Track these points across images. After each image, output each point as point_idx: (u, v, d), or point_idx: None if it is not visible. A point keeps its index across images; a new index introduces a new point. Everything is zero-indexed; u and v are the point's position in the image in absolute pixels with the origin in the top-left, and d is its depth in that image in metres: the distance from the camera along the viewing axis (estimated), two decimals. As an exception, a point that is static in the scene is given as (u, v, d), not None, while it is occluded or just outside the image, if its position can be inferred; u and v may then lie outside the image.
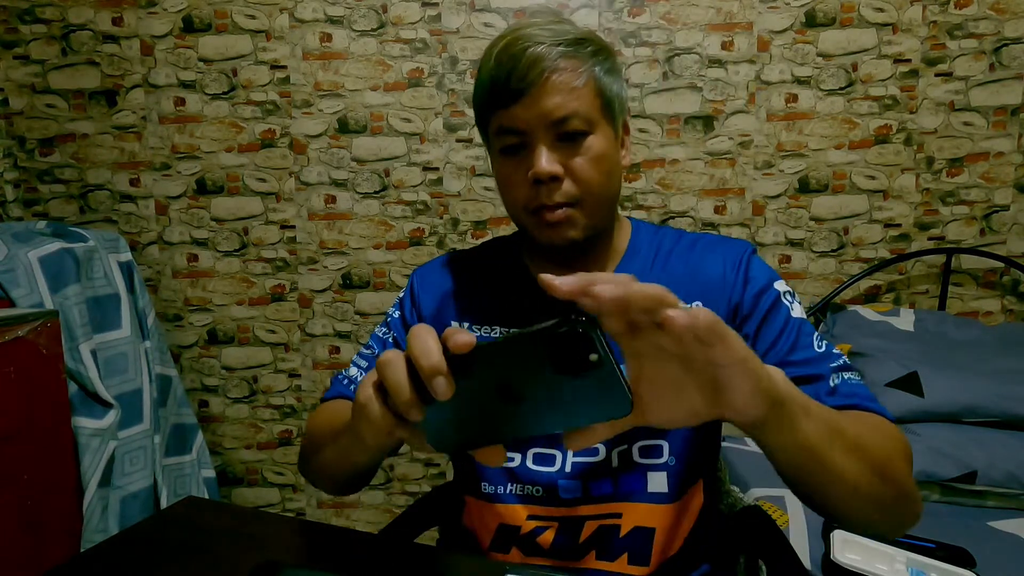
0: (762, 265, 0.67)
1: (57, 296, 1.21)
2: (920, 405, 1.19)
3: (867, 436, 0.48)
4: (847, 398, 0.56)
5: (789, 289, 0.66)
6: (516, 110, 0.60)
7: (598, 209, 0.64)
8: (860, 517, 0.49)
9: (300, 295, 1.66)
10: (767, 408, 0.37)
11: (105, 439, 1.23)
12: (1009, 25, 1.45)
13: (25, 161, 1.64)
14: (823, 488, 0.46)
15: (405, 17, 1.55)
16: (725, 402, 0.36)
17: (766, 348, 0.62)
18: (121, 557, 0.56)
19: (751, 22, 1.50)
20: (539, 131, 0.60)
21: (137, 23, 1.59)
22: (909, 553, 0.87)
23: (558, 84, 0.59)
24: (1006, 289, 1.54)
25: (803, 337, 0.61)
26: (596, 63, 0.61)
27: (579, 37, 0.61)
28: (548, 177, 0.60)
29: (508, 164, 0.63)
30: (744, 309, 0.64)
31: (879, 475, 0.47)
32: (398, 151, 1.60)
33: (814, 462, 0.43)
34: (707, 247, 0.69)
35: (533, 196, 0.62)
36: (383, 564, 0.54)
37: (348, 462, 0.54)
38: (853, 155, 1.52)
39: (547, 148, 0.60)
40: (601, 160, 0.62)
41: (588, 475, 0.65)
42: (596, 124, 0.61)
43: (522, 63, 0.58)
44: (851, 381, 0.58)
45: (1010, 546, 1.00)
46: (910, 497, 0.50)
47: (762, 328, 0.63)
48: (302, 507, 1.74)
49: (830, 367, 0.59)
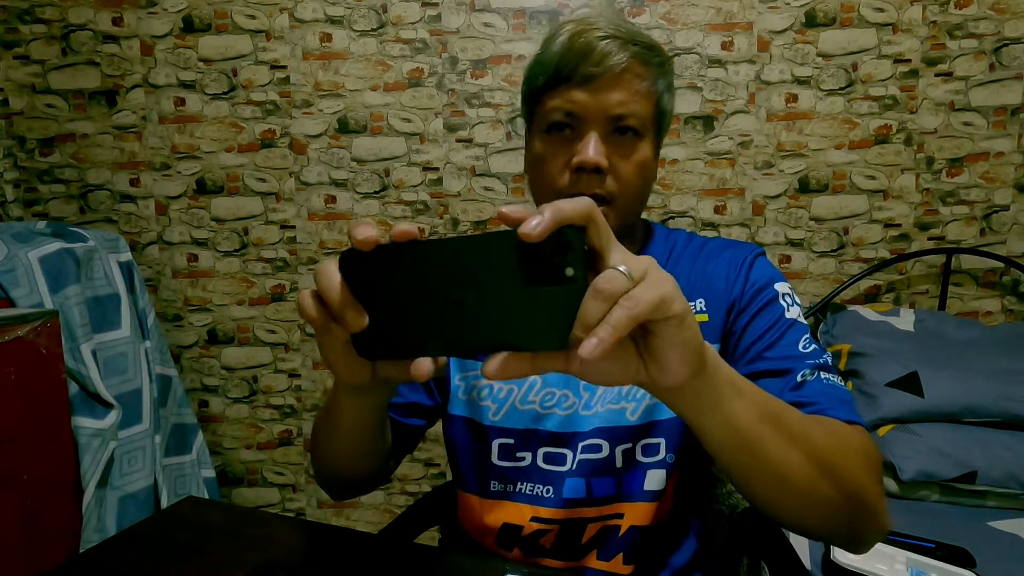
0: (766, 266, 0.67)
1: (57, 296, 1.21)
2: (920, 405, 1.19)
3: (814, 432, 0.45)
4: (810, 396, 0.54)
5: (790, 292, 0.65)
6: (579, 94, 0.59)
7: (628, 213, 0.64)
8: (797, 517, 0.47)
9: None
10: (693, 370, 0.36)
11: (106, 439, 1.23)
12: (1009, 25, 1.45)
13: (25, 161, 1.64)
14: (753, 475, 0.44)
15: (405, 17, 1.55)
16: (654, 358, 0.35)
17: (751, 341, 0.61)
18: (121, 557, 0.56)
19: (751, 22, 1.50)
20: (596, 120, 0.60)
21: (137, 23, 1.59)
22: (909, 553, 0.87)
23: (626, 81, 0.59)
24: (1006, 289, 1.54)
25: (789, 335, 0.60)
26: (660, 76, 0.62)
27: (651, 44, 0.61)
28: (593, 167, 0.59)
29: (551, 144, 0.62)
30: (740, 304, 0.64)
31: (823, 473, 0.44)
32: (398, 151, 1.60)
33: (743, 446, 0.41)
34: (714, 250, 0.69)
35: (571, 183, 0.61)
36: (383, 564, 0.54)
37: (342, 427, 0.53)
38: (853, 155, 1.52)
39: (599, 139, 0.60)
40: (643, 167, 0.62)
41: (593, 473, 0.65)
42: (647, 131, 0.62)
43: (596, 52, 0.58)
44: (826, 382, 0.55)
45: (1010, 546, 1.00)
46: (867, 506, 0.47)
47: (752, 321, 0.62)
48: (302, 507, 1.74)
49: (806, 364, 0.57)
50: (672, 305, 0.33)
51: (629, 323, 0.31)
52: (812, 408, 0.52)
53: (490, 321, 0.33)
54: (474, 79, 1.56)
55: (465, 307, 0.33)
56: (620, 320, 0.31)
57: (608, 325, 0.31)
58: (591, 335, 0.31)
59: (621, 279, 0.31)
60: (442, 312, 0.34)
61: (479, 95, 1.56)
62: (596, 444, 0.65)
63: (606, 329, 0.31)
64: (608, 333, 0.31)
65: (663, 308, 0.32)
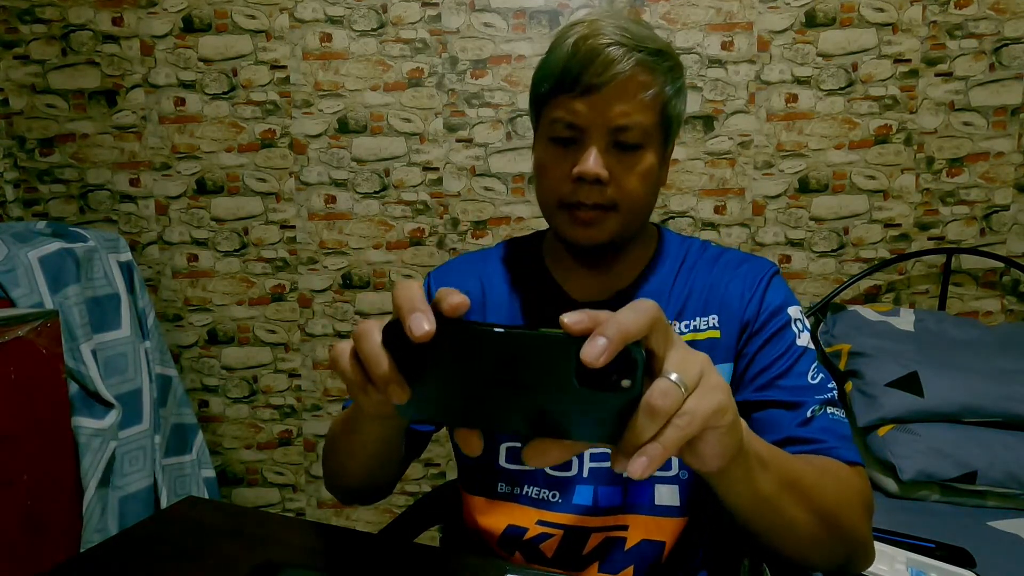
0: (781, 287, 0.67)
1: (57, 296, 1.21)
2: (920, 405, 1.18)
3: (825, 489, 0.50)
4: (817, 432, 0.57)
5: (801, 317, 0.65)
6: (580, 104, 0.59)
7: (632, 220, 0.63)
8: (800, 558, 0.52)
9: (300, 295, 1.66)
10: (728, 460, 0.38)
11: (106, 439, 1.23)
12: (1009, 25, 1.45)
13: (25, 161, 1.64)
14: (773, 533, 0.48)
15: (405, 17, 1.55)
16: (693, 451, 0.36)
17: (762, 367, 0.62)
18: (121, 557, 0.56)
19: (751, 22, 1.50)
20: (596, 131, 0.59)
21: (137, 23, 1.59)
22: (909, 553, 0.87)
23: (628, 91, 0.58)
24: (1006, 289, 1.54)
25: (800, 364, 0.61)
26: (668, 81, 0.60)
27: (659, 48, 0.60)
28: (593, 179, 0.59)
29: (554, 153, 0.62)
30: (753, 326, 0.64)
31: (828, 526, 0.49)
32: (398, 151, 1.60)
33: (767, 511, 0.45)
34: (729, 264, 0.68)
35: (571, 192, 0.61)
36: (383, 564, 0.54)
37: (362, 444, 0.53)
38: (853, 155, 1.52)
39: (599, 151, 0.59)
40: (647, 176, 0.61)
41: (601, 481, 0.64)
42: (651, 140, 0.61)
43: (599, 60, 0.57)
44: (832, 416, 0.59)
45: (1010, 546, 1.00)
46: (861, 548, 0.53)
47: (764, 347, 0.62)
48: (302, 507, 1.74)
49: (815, 398, 0.59)
50: (724, 416, 0.33)
51: (681, 442, 0.31)
52: (819, 446, 0.56)
53: (538, 410, 0.32)
54: (474, 79, 1.56)
55: (514, 394, 0.32)
56: (672, 441, 0.31)
57: (659, 444, 0.31)
58: (641, 453, 0.31)
59: (676, 393, 0.31)
60: (488, 394, 0.33)
61: (479, 95, 1.56)
62: (605, 452, 0.64)
63: (656, 449, 0.31)
64: (659, 453, 0.31)
65: (715, 419, 0.33)
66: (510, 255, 0.75)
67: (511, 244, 0.78)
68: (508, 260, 0.75)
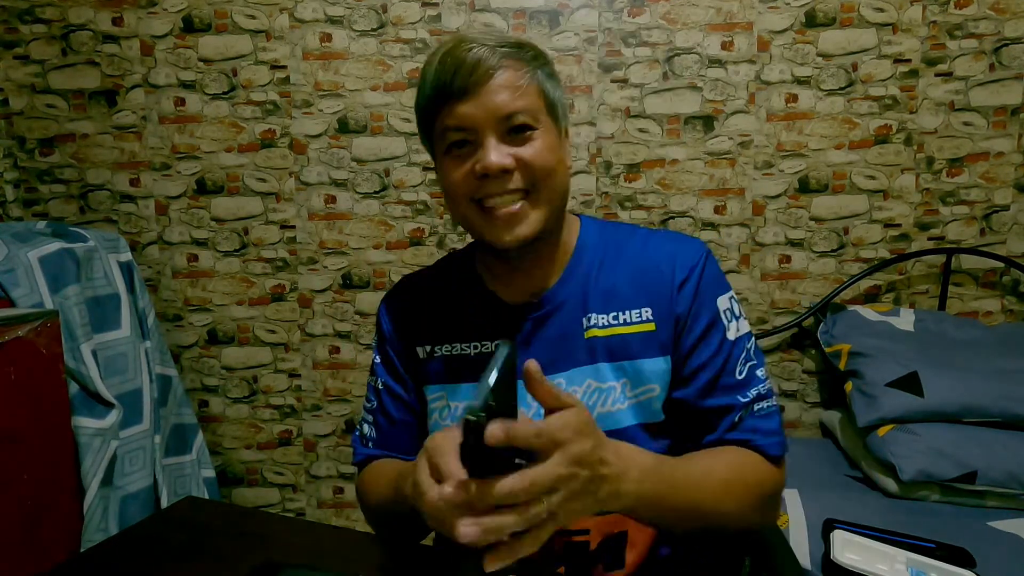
0: (712, 275, 0.68)
1: (57, 296, 1.21)
2: (920, 405, 1.18)
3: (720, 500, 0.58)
4: (747, 433, 0.63)
5: (731, 304, 0.67)
6: (463, 108, 0.60)
7: (548, 203, 0.64)
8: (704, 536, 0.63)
9: (300, 295, 1.66)
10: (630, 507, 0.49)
11: (107, 439, 1.23)
12: (1009, 25, 1.45)
13: (25, 161, 1.64)
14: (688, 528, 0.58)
15: (405, 17, 1.55)
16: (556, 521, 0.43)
17: (698, 366, 0.65)
18: (121, 557, 0.56)
19: (751, 22, 1.50)
20: (487, 127, 0.60)
21: (137, 23, 1.59)
22: (909, 553, 0.87)
23: (504, 82, 0.60)
24: (1006, 289, 1.54)
25: (730, 362, 0.65)
26: (537, 66, 0.64)
27: (519, 42, 0.63)
28: (498, 170, 0.60)
29: (454, 163, 0.63)
30: (687, 321, 0.66)
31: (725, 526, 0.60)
32: (398, 151, 1.60)
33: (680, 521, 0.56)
34: (659, 245, 0.69)
35: (480, 188, 0.62)
36: (383, 564, 0.54)
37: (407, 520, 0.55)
38: (853, 155, 1.52)
39: (496, 142, 0.60)
40: (549, 153, 0.63)
41: None
42: (541, 122, 0.63)
43: (467, 63, 0.59)
44: (759, 413, 0.64)
45: (1010, 546, 1.00)
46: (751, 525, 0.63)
47: (698, 345, 0.65)
48: (302, 507, 1.74)
49: (746, 395, 0.64)
50: None
51: None
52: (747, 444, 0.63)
53: None
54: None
55: None
56: None
57: None
58: None
59: None
60: None
61: (479, 95, 1.56)
62: None
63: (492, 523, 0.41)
64: None
65: None
66: (446, 269, 0.79)
67: (447, 259, 0.81)
68: (445, 275, 0.78)
